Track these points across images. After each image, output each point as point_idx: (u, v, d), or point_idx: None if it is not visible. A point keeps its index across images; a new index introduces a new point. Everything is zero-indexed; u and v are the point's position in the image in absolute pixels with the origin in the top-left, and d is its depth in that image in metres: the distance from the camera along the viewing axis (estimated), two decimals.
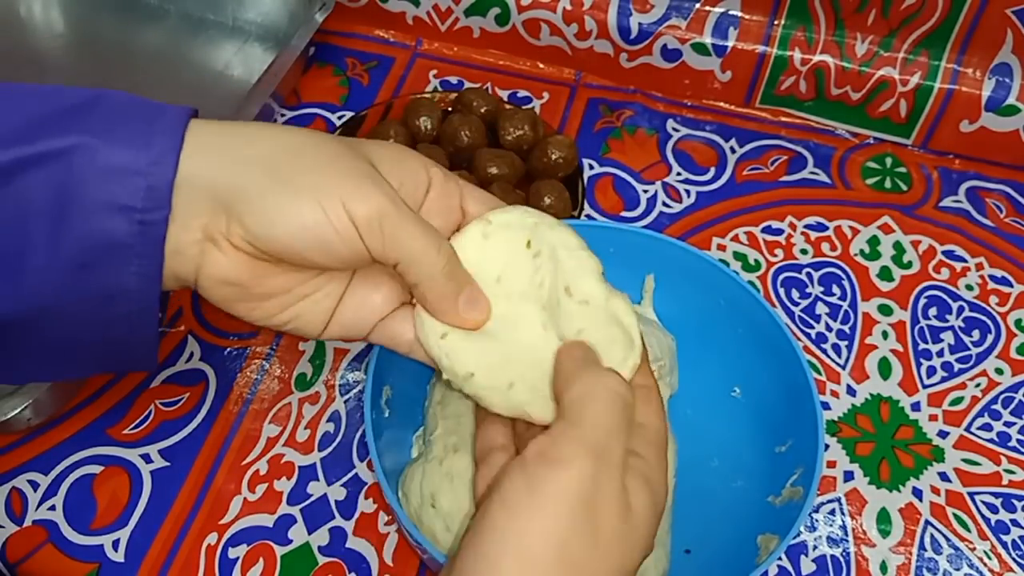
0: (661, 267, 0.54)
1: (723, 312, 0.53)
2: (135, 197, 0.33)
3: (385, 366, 0.48)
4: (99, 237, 0.34)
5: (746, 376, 0.53)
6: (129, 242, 0.34)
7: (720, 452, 0.53)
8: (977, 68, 0.69)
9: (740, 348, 0.53)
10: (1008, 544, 0.53)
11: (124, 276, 0.34)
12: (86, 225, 0.33)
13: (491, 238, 0.41)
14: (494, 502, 0.33)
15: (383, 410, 0.48)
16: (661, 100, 0.74)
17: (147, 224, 0.34)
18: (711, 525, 0.50)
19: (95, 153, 0.33)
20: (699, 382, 0.53)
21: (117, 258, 0.34)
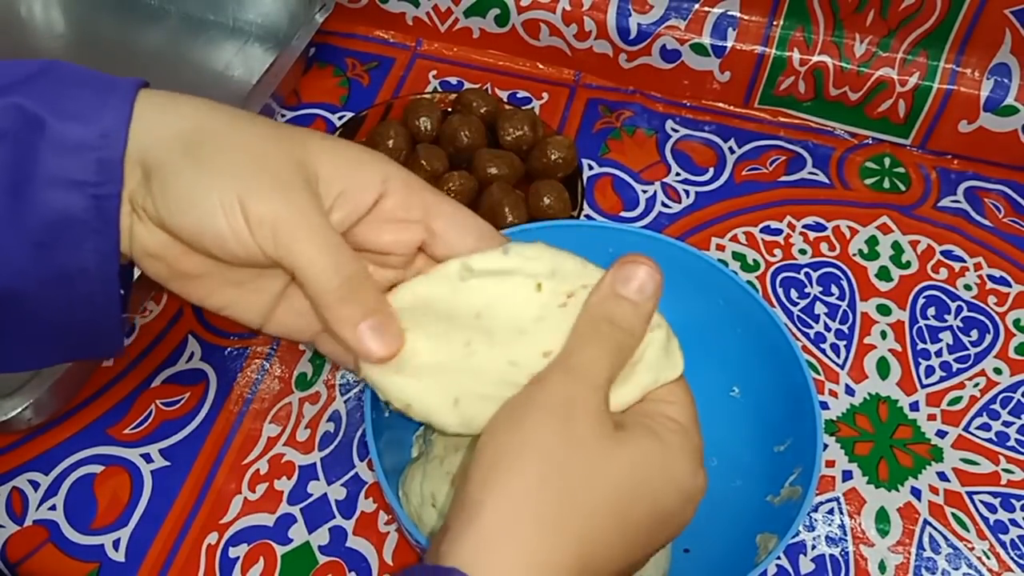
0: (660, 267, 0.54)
1: (722, 312, 0.53)
2: (87, 171, 0.33)
3: None
4: (55, 213, 0.33)
5: (745, 376, 0.53)
6: (84, 217, 0.33)
7: (719, 451, 0.53)
8: (976, 68, 0.69)
9: (739, 348, 0.53)
10: (1007, 544, 0.53)
11: (82, 253, 0.34)
12: (40, 201, 0.33)
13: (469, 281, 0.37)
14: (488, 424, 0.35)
15: (383, 410, 0.48)
16: (660, 100, 0.74)
17: (100, 198, 0.33)
18: (710, 524, 0.50)
19: (43, 128, 0.33)
20: (698, 382, 0.53)
21: (73, 235, 0.34)
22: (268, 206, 0.33)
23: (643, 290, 0.36)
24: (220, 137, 0.35)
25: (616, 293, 0.36)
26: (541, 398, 0.34)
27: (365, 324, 0.35)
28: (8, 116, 0.33)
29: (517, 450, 0.33)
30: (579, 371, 0.34)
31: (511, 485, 0.32)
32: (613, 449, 0.33)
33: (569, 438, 0.33)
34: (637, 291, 0.36)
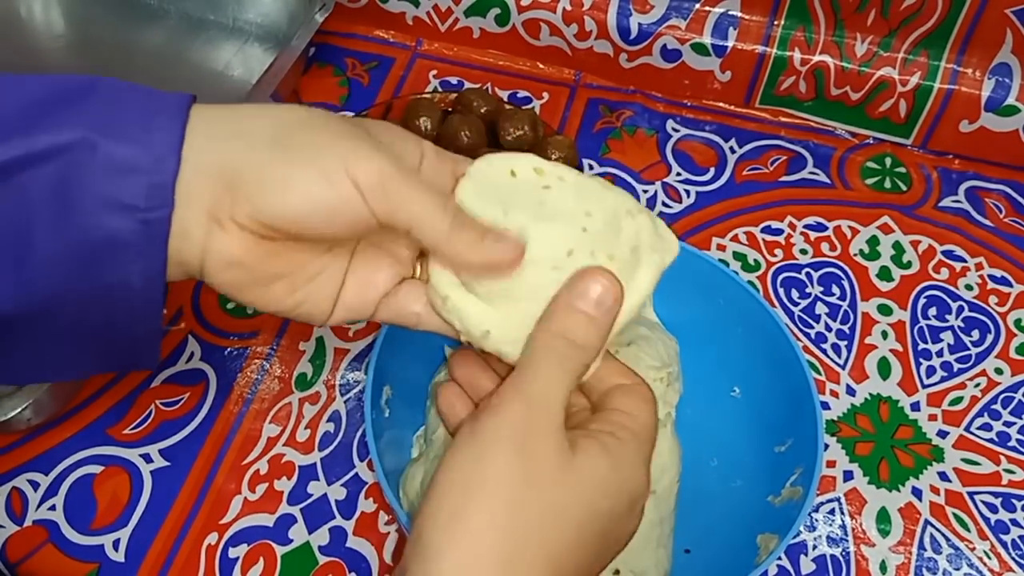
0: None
1: (723, 312, 0.53)
2: (137, 196, 0.33)
3: (385, 366, 0.48)
4: (101, 235, 0.33)
5: (746, 376, 0.53)
6: (132, 240, 0.33)
7: (720, 452, 0.53)
8: (977, 68, 0.69)
9: (740, 348, 0.53)
10: (1008, 544, 0.53)
11: (127, 274, 0.34)
12: (88, 223, 0.33)
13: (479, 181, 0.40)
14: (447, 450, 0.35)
15: (383, 410, 0.48)
16: (661, 100, 0.74)
17: (150, 223, 0.33)
18: (711, 525, 0.50)
19: (95, 149, 0.33)
20: (699, 382, 0.53)
21: (120, 256, 0.34)
22: (371, 167, 0.34)
23: (601, 304, 0.36)
24: (293, 126, 0.35)
25: (572, 307, 0.36)
26: (498, 430, 0.34)
27: (486, 240, 0.37)
28: (60, 134, 0.32)
29: (476, 489, 0.33)
30: (535, 397, 0.35)
31: (471, 529, 0.32)
32: (570, 479, 0.34)
33: (528, 475, 0.33)
34: (595, 305, 0.36)
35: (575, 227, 0.39)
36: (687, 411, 0.53)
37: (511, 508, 0.32)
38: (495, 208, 0.39)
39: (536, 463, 0.33)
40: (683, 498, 0.50)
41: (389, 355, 0.49)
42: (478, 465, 0.33)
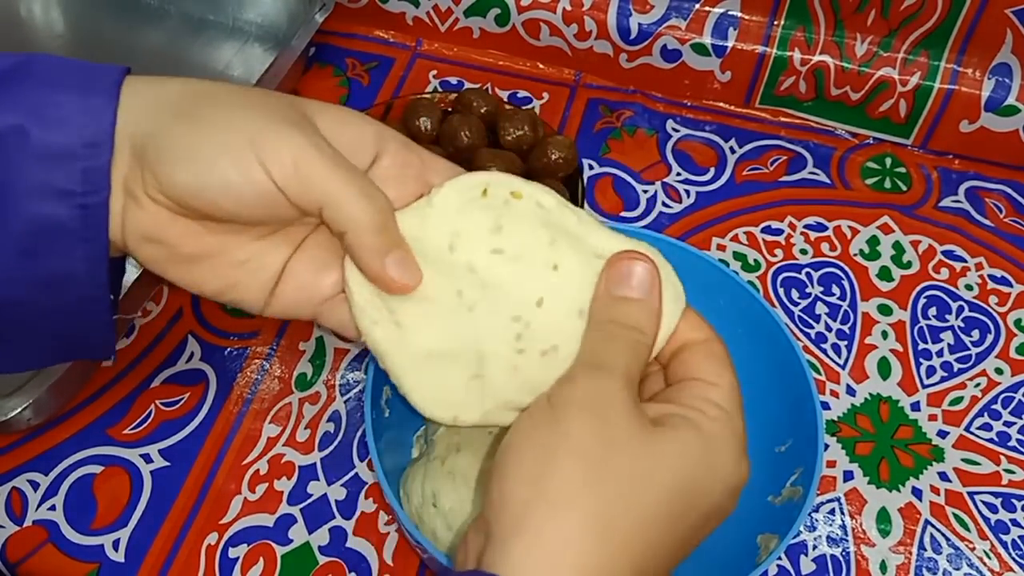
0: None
1: (723, 312, 0.53)
2: (73, 181, 0.32)
3: None
4: (40, 222, 0.33)
5: (745, 376, 0.53)
6: (72, 226, 0.33)
7: None
8: (977, 68, 0.69)
9: (739, 348, 0.53)
10: (1008, 544, 0.53)
11: (70, 261, 0.34)
12: (26, 211, 0.32)
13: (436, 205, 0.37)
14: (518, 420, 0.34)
15: (383, 410, 0.48)
16: (661, 100, 0.74)
17: (88, 208, 0.33)
18: None
19: (27, 136, 0.32)
20: None
21: (61, 243, 0.33)
22: (287, 143, 0.33)
23: (641, 285, 0.35)
24: (216, 96, 0.34)
25: (614, 296, 0.35)
26: (573, 395, 0.33)
27: (390, 257, 0.35)
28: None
29: (555, 450, 0.31)
30: (605, 368, 0.33)
31: (555, 487, 0.30)
32: (655, 449, 0.32)
33: (609, 438, 0.31)
34: (636, 288, 0.35)
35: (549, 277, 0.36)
36: None
37: (596, 467, 0.31)
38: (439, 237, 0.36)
39: (615, 428, 0.32)
40: None
41: None
42: (556, 427, 0.32)
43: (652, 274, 0.35)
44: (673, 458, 0.32)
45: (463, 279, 0.37)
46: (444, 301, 0.37)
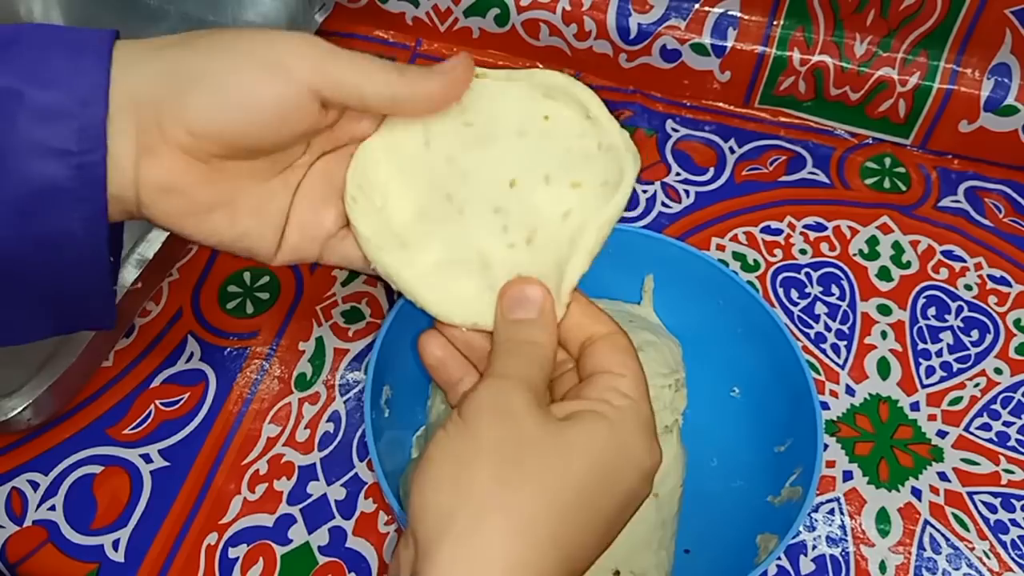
0: (660, 267, 0.54)
1: (722, 312, 0.53)
2: (68, 140, 0.33)
3: (385, 366, 0.48)
4: (37, 182, 0.33)
5: (745, 376, 0.53)
6: (68, 186, 0.33)
7: (719, 452, 0.53)
8: (976, 68, 0.69)
9: (739, 348, 0.53)
10: (1007, 544, 0.53)
11: (68, 221, 0.34)
12: (23, 170, 0.33)
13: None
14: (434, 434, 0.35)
15: (383, 410, 0.49)
16: (660, 100, 0.74)
17: (84, 167, 0.33)
18: (711, 525, 0.50)
19: (21, 97, 0.33)
20: (698, 382, 0.53)
21: (58, 203, 0.34)
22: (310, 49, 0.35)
23: (534, 307, 0.38)
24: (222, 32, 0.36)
25: (509, 320, 0.38)
26: (480, 403, 0.34)
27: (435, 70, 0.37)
28: None
29: (469, 456, 0.33)
30: (507, 376, 0.35)
31: (474, 491, 0.32)
32: (565, 441, 0.33)
33: (519, 438, 0.33)
34: (529, 310, 0.38)
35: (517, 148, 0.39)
36: (687, 411, 0.53)
37: (510, 466, 0.32)
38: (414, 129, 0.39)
39: (524, 428, 0.33)
40: (687, 504, 0.50)
41: (389, 355, 0.49)
42: (467, 434, 0.33)
43: (542, 294, 0.38)
44: (584, 448, 0.33)
45: (447, 177, 0.39)
46: (438, 210, 0.39)
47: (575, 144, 0.39)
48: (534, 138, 0.39)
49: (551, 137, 0.39)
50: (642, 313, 0.55)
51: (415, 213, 0.40)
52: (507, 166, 0.39)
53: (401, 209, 0.40)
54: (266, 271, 0.62)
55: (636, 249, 0.54)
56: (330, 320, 0.60)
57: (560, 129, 0.39)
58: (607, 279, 0.55)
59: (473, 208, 0.39)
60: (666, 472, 0.49)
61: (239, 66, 0.35)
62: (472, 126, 0.39)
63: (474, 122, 0.39)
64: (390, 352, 0.49)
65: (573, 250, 0.38)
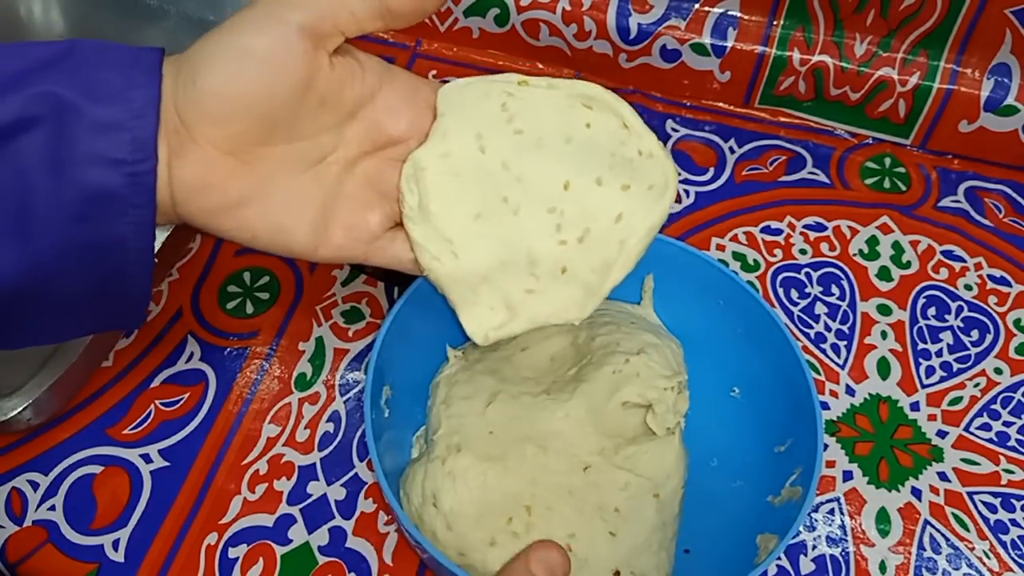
0: (660, 267, 0.54)
1: (722, 312, 0.53)
2: (122, 150, 0.34)
3: (385, 365, 0.48)
4: (94, 190, 0.35)
5: (745, 376, 0.53)
6: (123, 193, 0.35)
7: (719, 452, 0.53)
8: (976, 68, 0.69)
9: (739, 348, 0.53)
10: (1007, 544, 0.53)
11: (120, 226, 0.35)
12: (81, 179, 0.34)
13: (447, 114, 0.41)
14: None
15: (383, 410, 0.49)
16: (660, 100, 0.74)
17: (138, 175, 0.35)
18: (711, 525, 0.50)
19: (80, 111, 0.34)
20: (699, 382, 0.53)
21: (113, 209, 0.35)
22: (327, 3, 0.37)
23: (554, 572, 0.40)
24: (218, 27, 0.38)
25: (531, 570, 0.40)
26: None
27: None
28: (44, 102, 0.34)
29: None
30: None
31: None
32: None
33: None
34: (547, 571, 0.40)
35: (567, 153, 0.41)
36: (688, 412, 0.53)
37: None
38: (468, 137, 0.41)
39: None
40: (687, 504, 0.50)
41: (389, 354, 0.49)
42: None
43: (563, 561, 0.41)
44: None
45: (503, 181, 0.41)
46: (494, 211, 0.41)
47: (618, 150, 0.41)
48: (580, 144, 0.41)
49: (596, 143, 0.41)
50: (642, 313, 0.55)
51: (471, 216, 0.42)
52: (560, 169, 0.41)
53: (456, 213, 0.42)
54: (266, 271, 0.62)
55: None
56: (330, 320, 0.60)
57: (602, 136, 0.41)
58: None
59: (528, 209, 0.41)
60: (668, 473, 0.49)
61: (235, 29, 0.37)
62: (522, 133, 0.41)
63: (524, 129, 0.41)
64: (390, 352, 0.49)
65: (622, 251, 0.41)
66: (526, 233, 0.42)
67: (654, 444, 0.50)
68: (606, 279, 0.42)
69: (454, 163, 0.41)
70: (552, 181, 0.41)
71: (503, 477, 0.47)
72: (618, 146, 0.41)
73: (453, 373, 0.53)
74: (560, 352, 0.54)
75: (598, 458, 0.49)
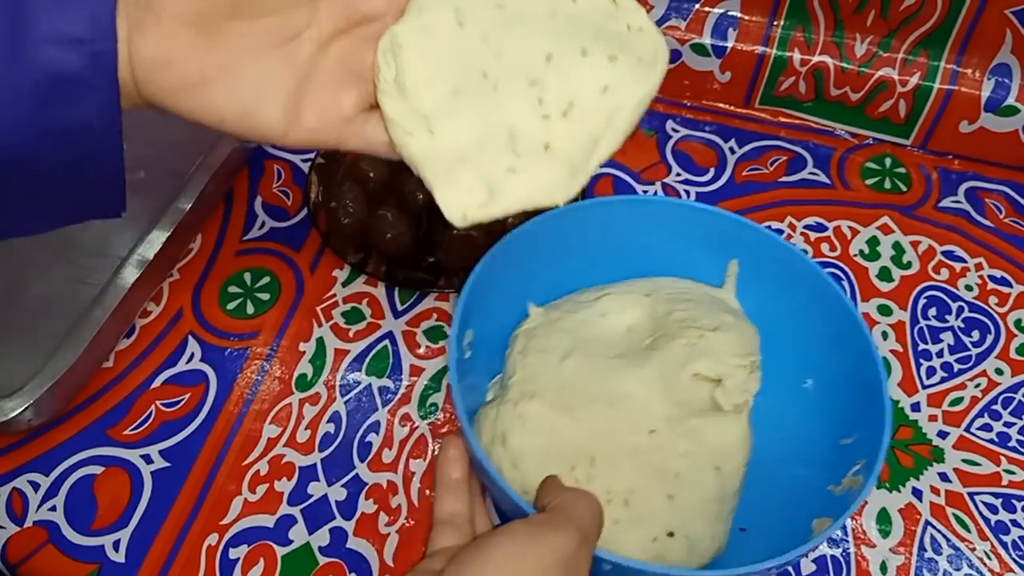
0: (746, 253, 0.55)
1: (804, 304, 0.53)
2: (80, 28, 0.34)
3: (471, 310, 0.49)
4: (54, 71, 0.34)
5: (820, 369, 0.53)
6: (84, 75, 0.34)
7: (785, 440, 0.52)
8: (976, 68, 0.69)
9: (818, 342, 0.52)
10: (1008, 544, 0.53)
11: (84, 110, 0.35)
12: (40, 59, 0.33)
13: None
14: (499, 534, 0.37)
15: (464, 351, 0.50)
16: (660, 101, 0.74)
17: (98, 56, 0.34)
18: (770, 508, 0.50)
19: None
20: (772, 370, 0.54)
21: (74, 92, 0.34)
22: None
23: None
24: None
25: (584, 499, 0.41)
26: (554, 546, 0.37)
27: None
28: None
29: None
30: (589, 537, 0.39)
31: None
32: None
33: None
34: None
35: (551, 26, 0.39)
36: (758, 398, 0.53)
37: None
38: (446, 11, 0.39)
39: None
40: (748, 485, 0.51)
41: (474, 300, 0.49)
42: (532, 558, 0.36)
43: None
44: None
45: (482, 55, 0.39)
46: (472, 87, 0.39)
47: (606, 24, 0.39)
48: (565, 19, 0.39)
49: (582, 17, 0.39)
50: (723, 297, 0.56)
51: (448, 92, 0.40)
52: (543, 42, 0.39)
53: (433, 89, 0.40)
54: (267, 271, 0.62)
55: (723, 232, 0.55)
56: (331, 321, 0.60)
57: (589, 11, 0.39)
58: (692, 259, 0.56)
59: (508, 83, 0.39)
60: (731, 450, 0.50)
61: None
62: (503, 8, 0.39)
63: (505, 4, 0.39)
64: (475, 298, 0.49)
65: (609, 126, 0.39)
66: (506, 108, 0.39)
67: (721, 419, 0.51)
68: (592, 156, 0.39)
69: (431, 37, 0.39)
70: (534, 54, 0.39)
71: (570, 427, 0.49)
72: (606, 20, 0.39)
73: (532, 327, 0.55)
74: (637, 323, 0.55)
75: (664, 424, 0.50)
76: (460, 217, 0.40)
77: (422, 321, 0.60)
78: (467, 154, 0.40)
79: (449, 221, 0.40)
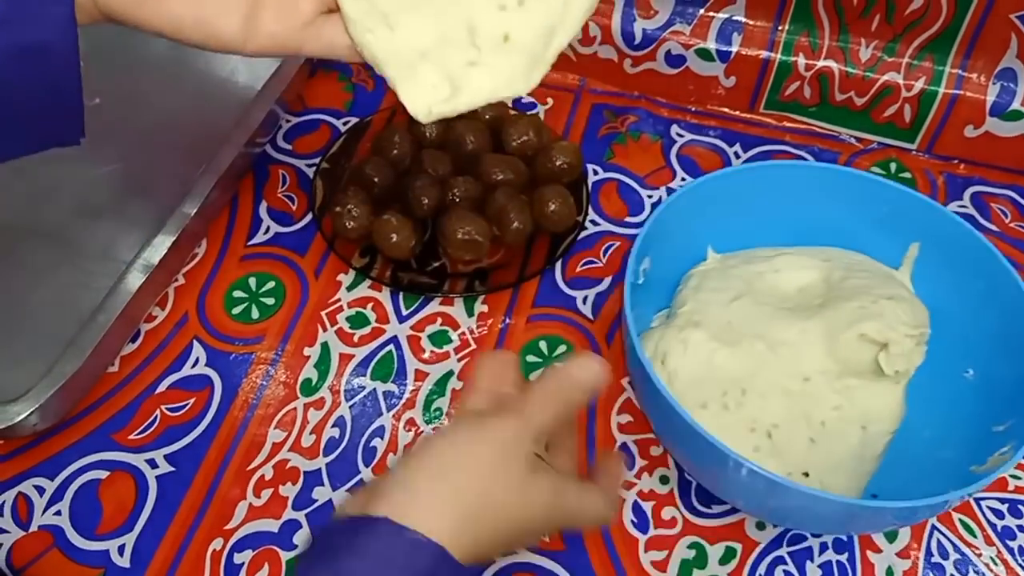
0: (928, 237, 0.55)
1: (981, 295, 0.53)
2: None
3: (651, 240, 0.52)
4: None
5: (985, 361, 0.52)
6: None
7: (937, 424, 0.53)
8: (982, 73, 0.69)
9: (990, 333, 0.52)
10: (1014, 550, 0.53)
11: (39, 28, 0.34)
12: None
13: None
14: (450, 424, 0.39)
15: (639, 275, 0.52)
16: (665, 106, 0.74)
17: None
18: (907, 481, 0.51)
19: None
20: (937, 356, 0.54)
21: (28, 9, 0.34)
22: None
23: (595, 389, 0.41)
24: None
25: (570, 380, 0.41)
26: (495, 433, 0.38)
27: None
28: None
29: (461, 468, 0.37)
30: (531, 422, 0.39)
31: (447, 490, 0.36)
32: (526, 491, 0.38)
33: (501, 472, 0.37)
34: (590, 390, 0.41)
35: None
36: (917, 379, 0.54)
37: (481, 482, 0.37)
38: None
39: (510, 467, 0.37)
40: (889, 457, 0.52)
41: (656, 232, 0.52)
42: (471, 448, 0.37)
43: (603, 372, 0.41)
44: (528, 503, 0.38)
45: None
46: None
47: None
48: None
49: None
50: (899, 278, 0.57)
51: None
52: None
53: None
54: (272, 276, 0.62)
55: (906, 212, 0.55)
56: (335, 325, 0.60)
57: None
58: (868, 236, 0.57)
59: None
60: (882, 415, 0.52)
61: None
62: None
63: None
64: (659, 229, 0.52)
65: (566, 12, 0.40)
66: (464, 1, 0.40)
67: (878, 383, 0.52)
68: (550, 45, 0.40)
69: None
70: None
71: (728, 360, 0.52)
72: None
73: (708, 269, 0.58)
74: (810, 285, 0.57)
75: (820, 376, 0.52)
76: (425, 113, 0.41)
77: (427, 325, 0.60)
78: (428, 50, 0.40)
79: (413, 117, 0.41)
